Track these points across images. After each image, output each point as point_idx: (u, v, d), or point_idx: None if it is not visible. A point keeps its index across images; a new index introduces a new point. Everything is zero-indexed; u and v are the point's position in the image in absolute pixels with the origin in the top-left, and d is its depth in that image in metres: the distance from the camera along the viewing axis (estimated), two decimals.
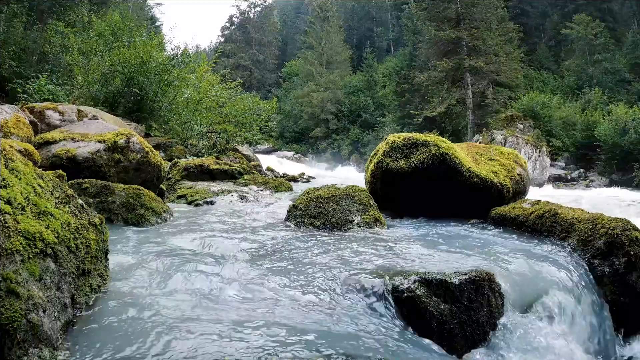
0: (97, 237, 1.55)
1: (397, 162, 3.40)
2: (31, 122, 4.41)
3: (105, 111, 7.23)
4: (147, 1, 41.53)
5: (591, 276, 2.20)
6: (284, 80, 46.93)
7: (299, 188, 5.58)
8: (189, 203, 4.17)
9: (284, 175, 9.94)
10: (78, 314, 1.32)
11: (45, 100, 7.20)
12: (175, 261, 1.96)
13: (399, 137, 3.54)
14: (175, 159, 6.38)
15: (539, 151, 20.57)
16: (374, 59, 40.63)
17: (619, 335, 2.08)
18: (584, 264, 2.27)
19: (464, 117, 25.57)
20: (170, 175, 5.37)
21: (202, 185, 4.87)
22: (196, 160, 5.95)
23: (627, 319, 2.12)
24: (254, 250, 2.23)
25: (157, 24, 39.60)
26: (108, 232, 1.68)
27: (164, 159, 5.69)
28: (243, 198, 4.35)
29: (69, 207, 1.47)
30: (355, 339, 1.30)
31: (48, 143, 3.85)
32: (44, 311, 1.11)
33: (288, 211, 3.13)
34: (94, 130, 4.18)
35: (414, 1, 32.61)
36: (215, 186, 4.79)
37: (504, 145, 18.14)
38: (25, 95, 7.78)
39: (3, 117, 3.85)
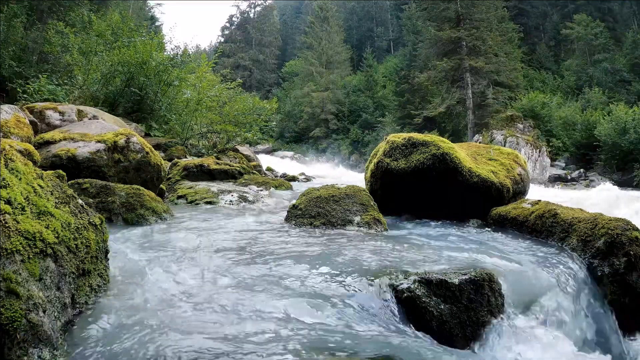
0: (97, 237, 1.55)
1: (397, 162, 3.39)
2: (31, 122, 4.40)
3: (105, 111, 7.22)
4: (147, 1, 41.55)
5: (591, 276, 2.20)
6: (284, 80, 46.96)
7: (299, 188, 5.58)
8: (189, 203, 4.17)
9: (284, 175, 9.94)
10: (78, 314, 1.32)
11: (45, 100, 7.19)
12: (175, 261, 1.96)
13: (399, 137, 3.54)
14: (175, 159, 6.37)
15: (539, 151, 20.59)
16: (374, 59, 40.71)
17: (620, 335, 2.08)
18: (584, 264, 2.27)
19: (464, 117, 25.60)
20: (170, 175, 5.37)
21: (202, 185, 4.87)
22: (196, 160, 5.95)
23: (627, 319, 2.12)
24: (254, 250, 2.23)
25: (157, 24, 39.65)
26: (108, 232, 1.68)
27: (164, 159, 5.69)
28: (243, 198, 4.34)
29: (69, 207, 1.47)
30: (356, 336, 1.30)
31: (48, 143, 3.85)
32: (44, 311, 1.11)
33: (288, 211, 3.13)
34: (94, 130, 4.18)
35: (414, 1, 32.65)
36: (215, 186, 4.78)
37: (504, 145, 18.14)
38: (25, 95, 7.77)
39: (3, 117, 3.85)
